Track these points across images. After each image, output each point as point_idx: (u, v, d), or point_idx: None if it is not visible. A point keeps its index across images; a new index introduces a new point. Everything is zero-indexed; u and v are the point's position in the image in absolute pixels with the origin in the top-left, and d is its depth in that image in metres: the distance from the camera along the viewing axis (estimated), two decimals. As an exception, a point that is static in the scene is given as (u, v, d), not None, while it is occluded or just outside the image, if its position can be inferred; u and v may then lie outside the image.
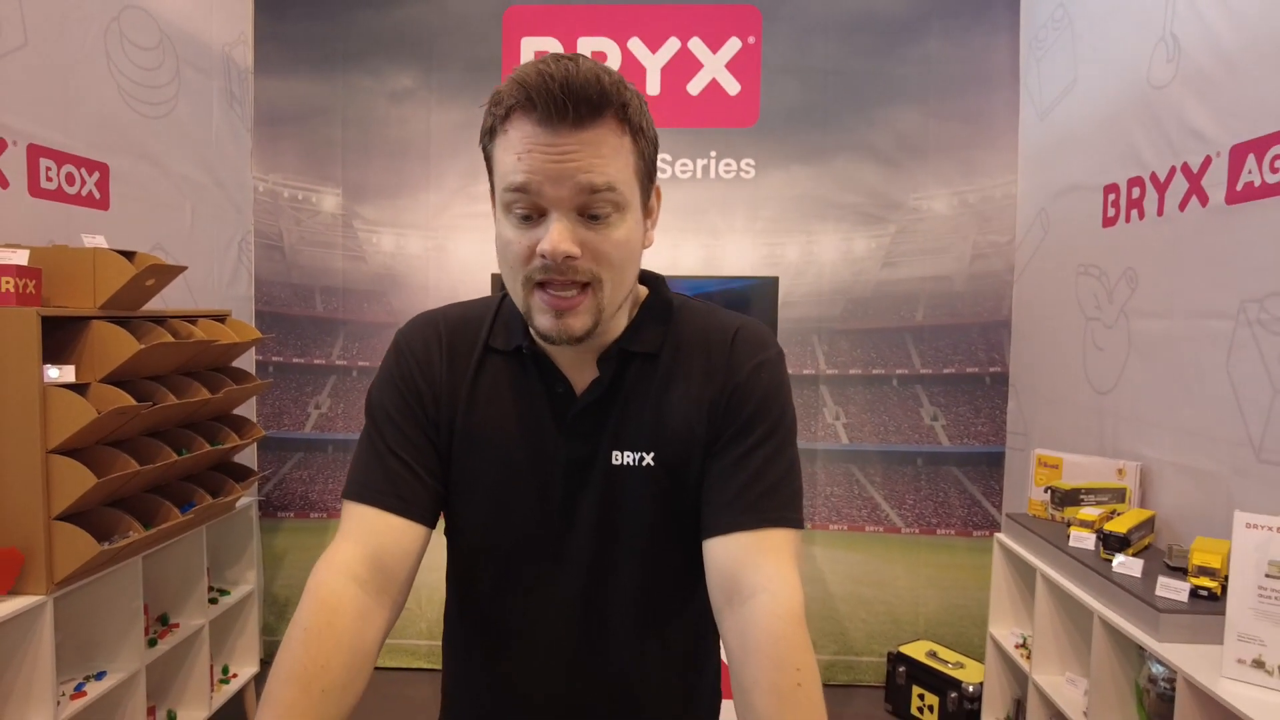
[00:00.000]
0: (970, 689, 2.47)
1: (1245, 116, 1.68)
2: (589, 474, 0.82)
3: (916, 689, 2.63)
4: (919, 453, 2.94)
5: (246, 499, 2.53)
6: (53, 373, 1.65)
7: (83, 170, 2.09)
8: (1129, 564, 1.72)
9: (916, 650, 2.73)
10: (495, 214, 0.76)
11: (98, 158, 2.15)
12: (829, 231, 2.90)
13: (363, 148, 2.97)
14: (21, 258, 1.66)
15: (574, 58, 0.69)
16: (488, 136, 0.74)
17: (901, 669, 2.69)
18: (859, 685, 2.92)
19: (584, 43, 2.89)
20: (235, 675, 2.51)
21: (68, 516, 1.67)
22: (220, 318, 2.25)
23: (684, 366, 0.83)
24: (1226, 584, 1.40)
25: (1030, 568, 2.05)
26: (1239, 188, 1.69)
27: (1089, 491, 2.08)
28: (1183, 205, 1.88)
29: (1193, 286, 1.85)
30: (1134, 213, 2.09)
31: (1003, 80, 2.81)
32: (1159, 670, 1.59)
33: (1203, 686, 1.34)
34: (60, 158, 2.01)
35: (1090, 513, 1.97)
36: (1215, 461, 1.76)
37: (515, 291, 0.76)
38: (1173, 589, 1.56)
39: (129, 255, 1.83)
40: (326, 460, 3.06)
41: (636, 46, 2.88)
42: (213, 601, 2.37)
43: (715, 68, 2.88)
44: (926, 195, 2.87)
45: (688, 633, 0.90)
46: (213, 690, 2.34)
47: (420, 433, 0.82)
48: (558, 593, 0.85)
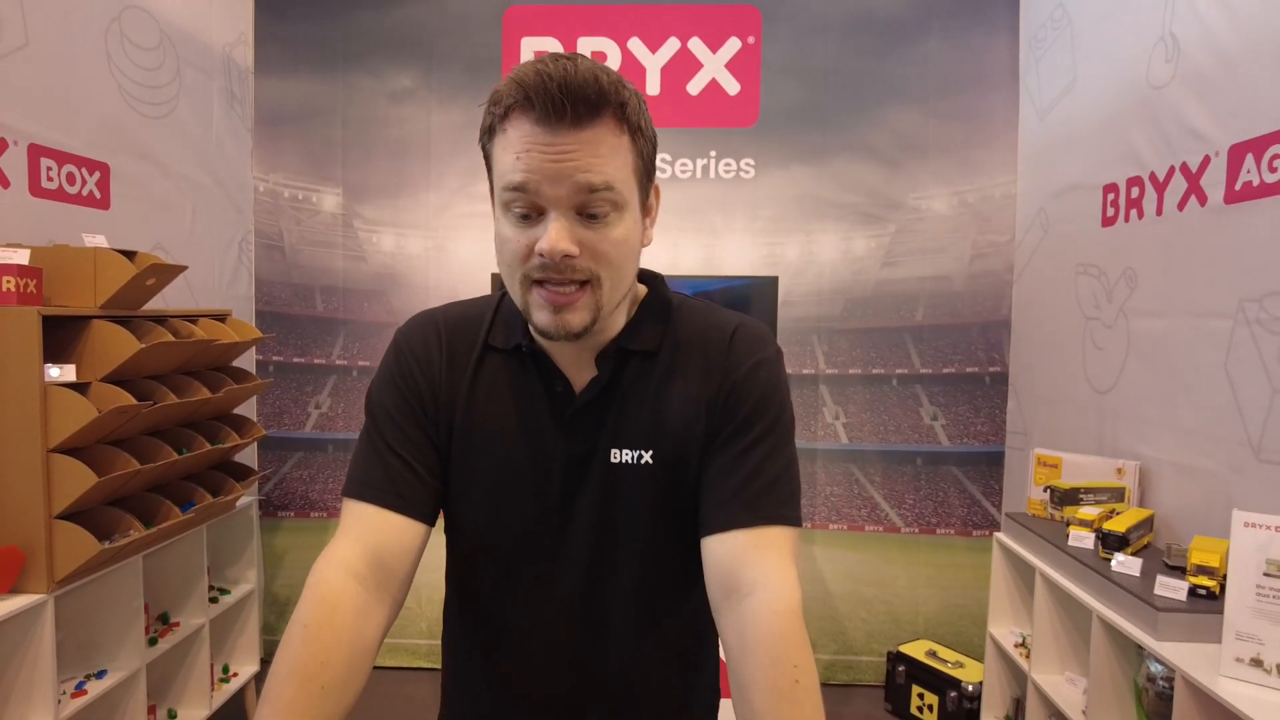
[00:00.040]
0: (970, 688, 2.47)
1: (1244, 116, 1.68)
2: (588, 472, 0.82)
3: (916, 688, 2.64)
4: (919, 452, 2.94)
5: (247, 498, 2.53)
6: (54, 372, 1.66)
7: (83, 170, 2.10)
8: (1128, 563, 1.72)
9: (916, 650, 2.73)
10: (494, 212, 0.76)
11: (98, 157, 2.15)
12: (829, 231, 2.91)
13: (363, 148, 2.97)
14: (22, 257, 1.66)
15: (572, 57, 0.69)
16: (487, 135, 0.74)
17: (901, 668, 2.69)
18: (859, 685, 2.92)
19: (584, 43, 2.89)
20: (236, 674, 2.51)
21: (68, 515, 1.68)
22: (221, 317, 2.26)
23: (682, 365, 0.83)
24: (1225, 583, 1.40)
25: (1029, 567, 2.05)
26: (1238, 187, 1.69)
27: (1088, 491, 2.09)
28: (1181, 205, 1.88)
29: (1191, 286, 1.86)
30: (1133, 212, 2.09)
31: (1002, 80, 2.82)
32: (1158, 669, 1.59)
33: (1201, 685, 1.34)
34: (61, 157, 2.02)
35: (1089, 512, 1.98)
36: (1214, 461, 1.76)
37: (514, 289, 0.76)
38: (1171, 588, 1.56)
39: (130, 255, 1.83)
40: (327, 460, 3.06)
41: (636, 46, 2.89)
42: (213, 600, 2.38)
43: (715, 68, 2.89)
44: (926, 195, 2.87)
45: (686, 631, 0.90)
46: (213, 689, 2.35)
47: (420, 431, 0.83)
48: (556, 591, 0.85)
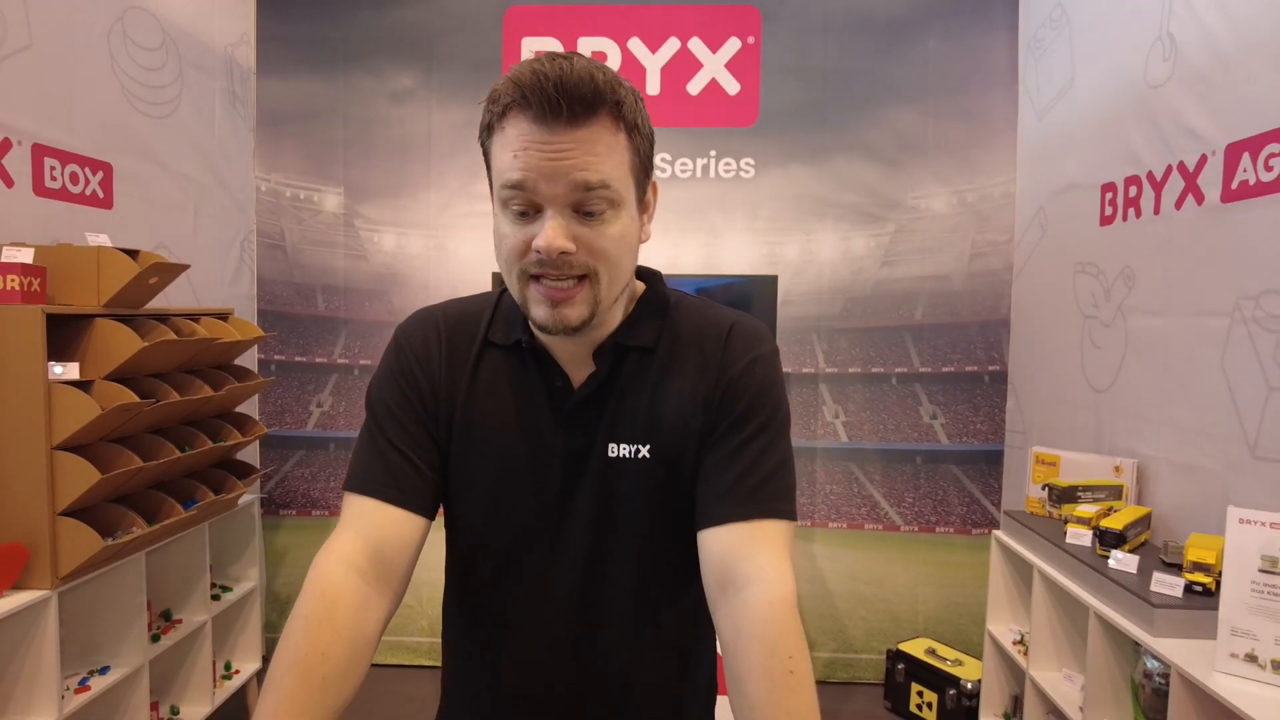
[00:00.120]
0: (969, 686, 2.47)
1: (1240, 115, 1.69)
2: (586, 466, 0.83)
3: (915, 686, 2.64)
4: (918, 451, 2.95)
5: (249, 496, 2.54)
6: (57, 370, 1.67)
7: (86, 170, 2.11)
8: (1125, 560, 1.72)
9: (915, 648, 2.73)
10: (493, 209, 0.77)
11: (101, 157, 2.17)
12: (828, 230, 2.91)
13: (364, 147, 2.98)
14: (26, 256, 1.68)
15: (569, 56, 0.70)
16: (485, 133, 0.75)
17: (900, 666, 2.70)
18: (858, 683, 2.92)
19: (584, 43, 2.90)
20: (238, 671, 2.53)
21: (72, 512, 1.69)
22: (223, 316, 2.27)
23: (680, 361, 0.84)
24: (1221, 580, 1.41)
25: (1028, 565, 2.06)
26: (1234, 186, 1.70)
27: (1086, 489, 2.09)
28: (1179, 204, 1.89)
29: (1189, 284, 1.86)
30: (1131, 211, 2.10)
31: (1001, 80, 2.82)
32: (1154, 665, 1.60)
33: (1196, 681, 1.35)
34: (64, 157, 2.03)
35: (1087, 510, 1.98)
36: (1210, 458, 1.77)
37: (512, 284, 0.77)
38: (1167, 585, 1.57)
39: (132, 254, 1.84)
40: (328, 458, 3.08)
41: (636, 46, 2.90)
42: (215, 598, 2.39)
43: (715, 67, 2.89)
44: (925, 194, 2.88)
45: (684, 626, 0.91)
46: (215, 686, 2.36)
47: (420, 426, 0.83)
48: (555, 586, 0.85)
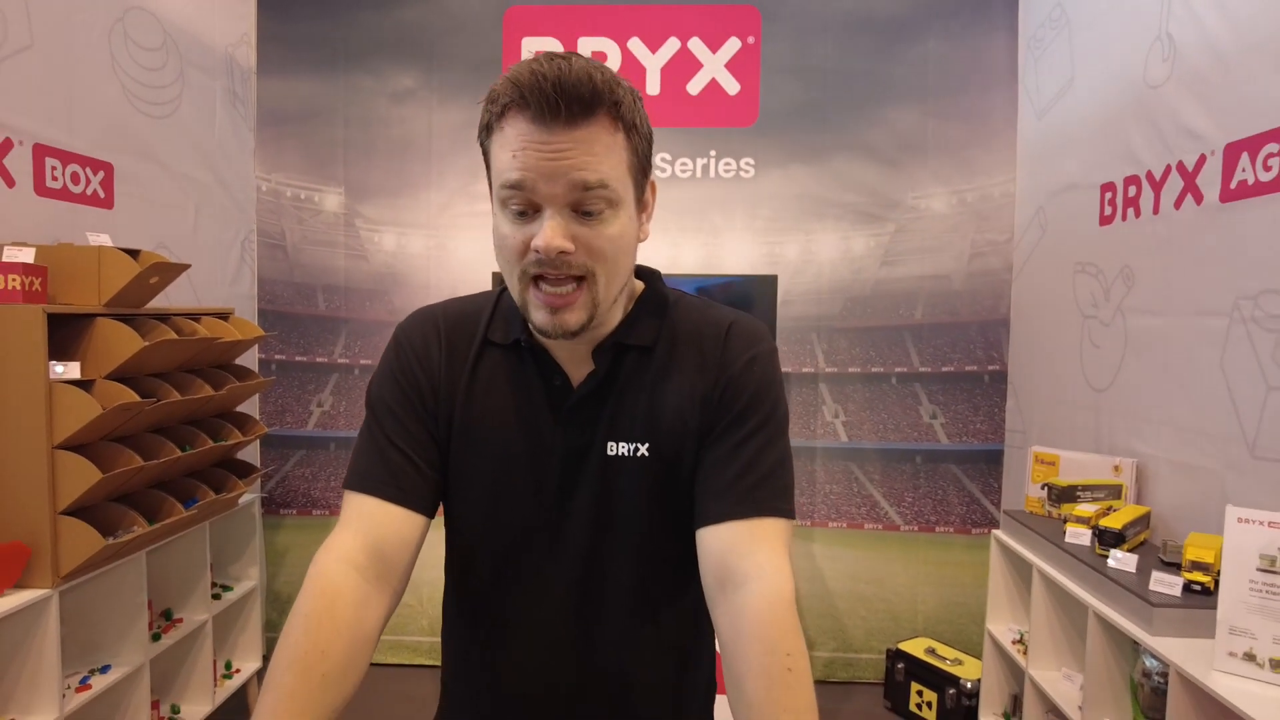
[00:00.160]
0: (968, 685, 2.48)
1: (1239, 115, 1.69)
2: (585, 464, 0.83)
3: (915, 686, 2.65)
4: (918, 450, 2.95)
5: (249, 495, 2.55)
6: (58, 369, 1.67)
7: (87, 170, 2.11)
8: (1124, 559, 1.73)
9: (915, 647, 2.74)
10: (493, 208, 0.77)
11: (102, 157, 2.17)
12: (828, 230, 2.92)
13: (364, 147, 2.99)
14: (28, 256, 1.68)
15: (567, 56, 0.70)
16: (484, 133, 0.75)
17: (900, 666, 2.70)
18: (858, 682, 2.93)
19: (584, 43, 2.90)
20: (238, 670, 2.53)
21: (73, 511, 1.69)
22: (223, 315, 2.27)
23: (678, 360, 0.84)
24: (1219, 579, 1.41)
25: (1027, 564, 2.06)
26: (1233, 186, 1.70)
27: (1085, 488, 2.09)
28: (1178, 203, 1.89)
29: (1188, 284, 1.86)
30: (1130, 211, 2.10)
31: (1001, 79, 2.82)
32: (1153, 664, 1.60)
33: (1194, 679, 1.35)
34: (65, 157, 2.03)
35: (1086, 509, 1.98)
36: (1209, 457, 1.77)
37: (513, 285, 0.78)
38: (1166, 584, 1.57)
39: (133, 253, 1.85)
40: (329, 458, 3.08)
41: (636, 46, 2.90)
42: (216, 597, 2.39)
43: (715, 67, 2.90)
44: (925, 194, 2.88)
45: (683, 624, 0.91)
46: (216, 685, 2.36)
47: (419, 425, 0.84)
48: (554, 583, 0.86)
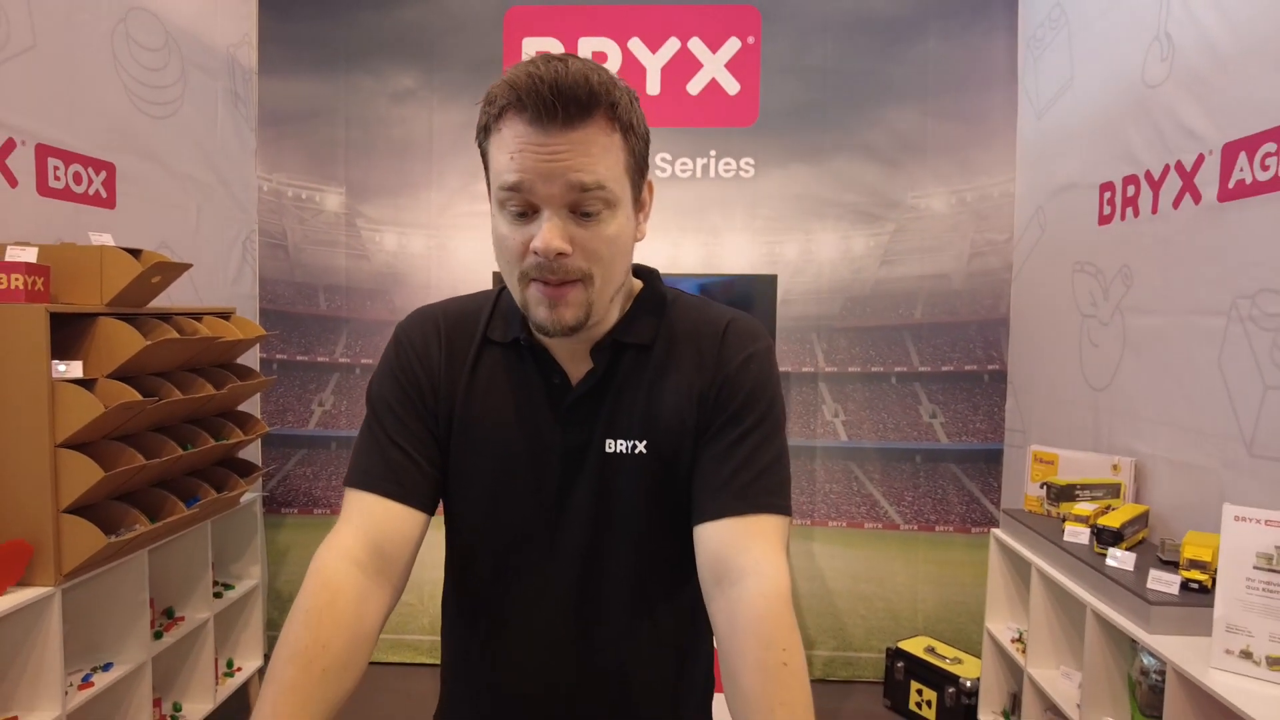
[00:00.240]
0: (968, 684, 2.48)
1: (1237, 115, 1.69)
2: (584, 462, 0.84)
3: (915, 684, 2.65)
4: (917, 450, 2.95)
5: (251, 494, 2.56)
6: (61, 368, 1.68)
7: (90, 170, 2.12)
8: (1122, 558, 1.73)
9: (915, 646, 2.74)
10: (491, 209, 0.78)
11: (104, 157, 2.18)
12: (828, 230, 2.92)
13: (365, 147, 2.99)
14: (30, 255, 1.69)
15: (564, 58, 0.71)
16: (483, 134, 0.76)
17: (900, 665, 2.71)
18: (858, 681, 2.93)
19: (584, 43, 2.91)
20: (239, 669, 2.53)
21: (75, 509, 1.70)
22: (225, 315, 2.28)
23: (676, 358, 0.85)
24: (1217, 577, 1.41)
25: (1026, 563, 2.06)
26: (1231, 185, 1.71)
27: (1084, 487, 2.10)
28: (1176, 203, 1.90)
29: (1186, 283, 1.87)
30: (1129, 211, 2.10)
31: (1001, 79, 2.83)
32: (1150, 662, 1.61)
33: (1191, 677, 1.36)
34: (68, 157, 2.04)
35: (1085, 508, 1.99)
36: (1207, 456, 1.78)
37: (512, 285, 0.78)
38: (1164, 582, 1.57)
39: (135, 253, 1.86)
40: (330, 457, 3.09)
41: (636, 46, 2.90)
42: (217, 596, 2.40)
43: (715, 68, 2.90)
44: (925, 194, 2.89)
45: (681, 623, 0.92)
46: (217, 683, 2.37)
47: (419, 423, 0.84)
48: (553, 582, 0.86)
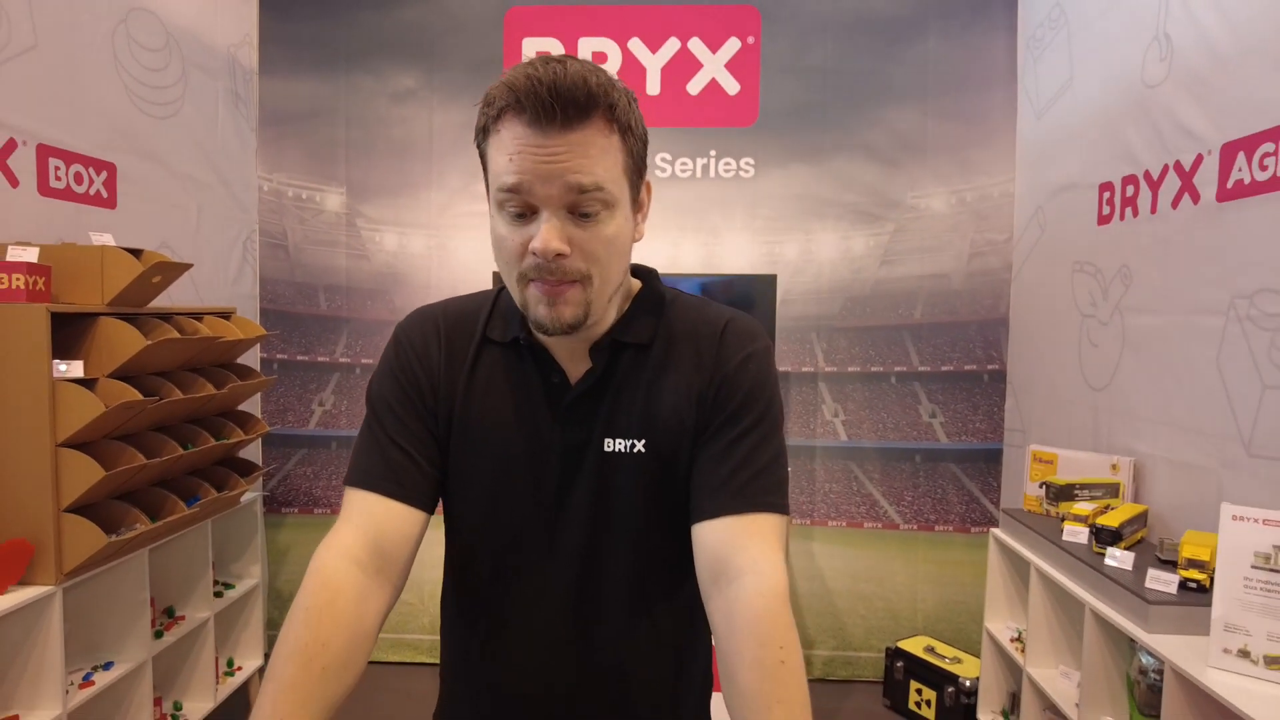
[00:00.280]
0: (967, 684, 2.48)
1: (1235, 115, 1.70)
2: (583, 461, 0.84)
3: (914, 684, 2.65)
4: (917, 449, 2.96)
5: (251, 494, 2.56)
6: (62, 367, 1.68)
7: (91, 170, 2.13)
8: (1121, 557, 1.73)
9: (914, 646, 2.74)
10: (490, 209, 0.78)
11: (105, 157, 2.18)
12: (828, 230, 2.92)
13: (366, 147, 3.00)
14: (31, 255, 1.69)
15: (563, 59, 0.71)
16: (481, 135, 0.76)
17: (900, 664, 2.71)
18: (857, 680, 2.94)
19: (585, 43, 2.91)
20: (240, 668, 2.54)
21: (76, 508, 1.70)
22: (225, 315, 2.28)
23: (674, 357, 0.85)
24: (1215, 576, 1.42)
25: (1025, 562, 2.07)
26: (1229, 185, 1.71)
27: (1083, 487, 2.10)
28: (1175, 203, 1.90)
29: (1185, 283, 1.87)
30: (1128, 210, 2.11)
31: (1000, 80, 2.83)
32: (1149, 661, 1.61)
33: (1189, 676, 1.36)
34: (69, 157, 2.05)
35: (1084, 507, 1.99)
36: (1206, 456, 1.78)
37: (511, 285, 0.79)
38: (1162, 581, 1.58)
39: (136, 253, 1.86)
40: (330, 457, 3.09)
41: (637, 47, 2.91)
42: (218, 595, 2.41)
43: (715, 68, 2.90)
44: (925, 194, 2.89)
45: (679, 622, 0.92)
46: (218, 683, 2.37)
47: (419, 422, 0.85)
48: (552, 581, 0.86)
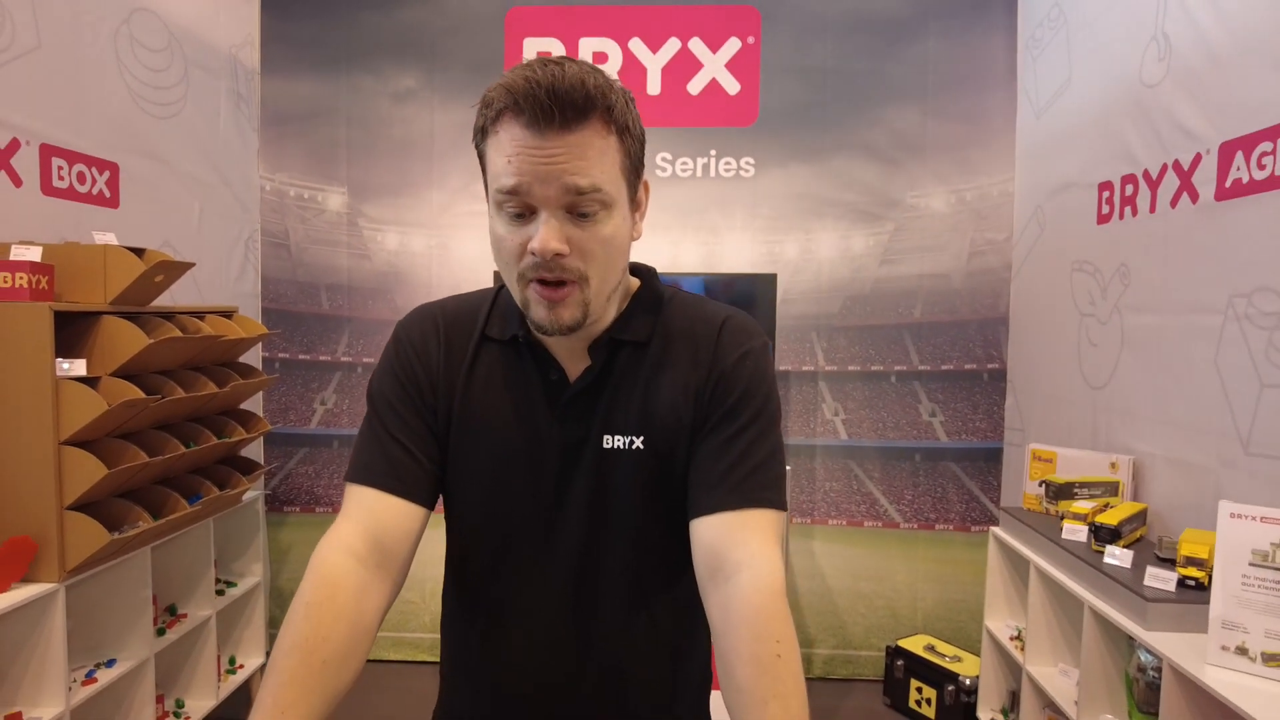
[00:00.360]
0: (967, 682, 2.49)
1: (1234, 114, 1.70)
2: (581, 457, 0.85)
3: (914, 682, 2.66)
4: (917, 448, 2.96)
5: (253, 492, 2.57)
6: (65, 366, 1.69)
7: (93, 169, 2.14)
8: (1120, 556, 1.74)
9: (914, 644, 2.75)
10: (489, 209, 0.79)
11: (108, 157, 2.19)
12: (828, 229, 2.93)
13: (367, 147, 3.01)
14: (35, 254, 1.70)
15: (561, 61, 0.72)
16: (480, 136, 0.77)
17: (900, 663, 2.72)
18: (858, 679, 2.94)
19: (585, 43, 2.92)
20: (242, 666, 2.55)
21: (79, 506, 1.71)
22: (227, 314, 2.29)
23: (672, 355, 0.86)
24: (1213, 574, 1.42)
25: (1025, 561, 2.07)
26: (1228, 184, 1.71)
27: (1082, 485, 2.10)
28: (1174, 202, 1.90)
29: (1183, 282, 1.88)
30: (1127, 210, 2.11)
31: (1000, 79, 2.83)
32: (1148, 659, 1.61)
33: (1188, 673, 1.37)
34: (72, 157, 2.06)
35: (1083, 506, 1.99)
36: (1204, 454, 1.78)
37: (512, 285, 0.79)
38: (1161, 579, 1.58)
39: (138, 252, 1.87)
40: (332, 455, 3.10)
41: (637, 47, 2.91)
42: (220, 593, 2.41)
43: (715, 67, 2.91)
44: (924, 193, 2.89)
45: (677, 618, 0.92)
46: (220, 680, 2.38)
47: (419, 419, 0.85)
48: (551, 577, 0.87)
